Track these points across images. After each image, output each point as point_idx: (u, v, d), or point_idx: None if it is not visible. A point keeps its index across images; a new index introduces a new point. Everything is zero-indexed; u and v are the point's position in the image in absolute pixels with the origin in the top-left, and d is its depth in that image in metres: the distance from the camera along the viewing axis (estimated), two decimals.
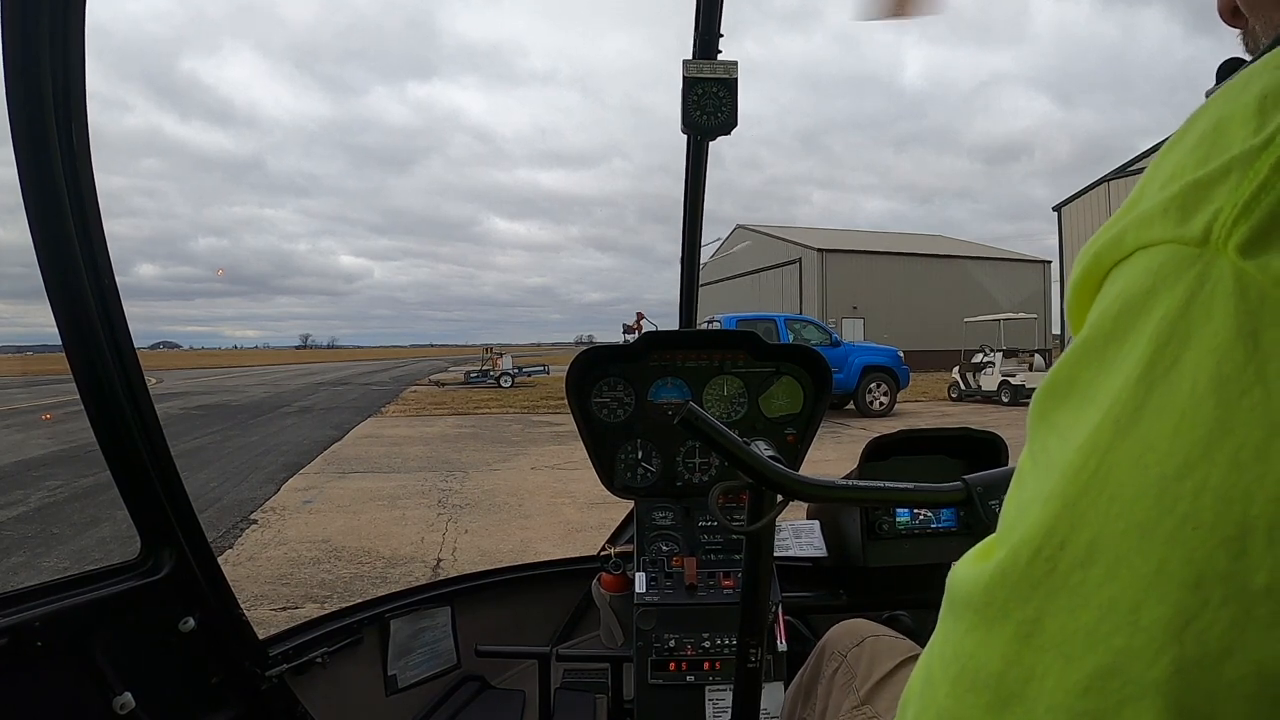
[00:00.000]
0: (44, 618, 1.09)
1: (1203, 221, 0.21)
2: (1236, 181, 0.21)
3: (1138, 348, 0.22)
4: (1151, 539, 0.20)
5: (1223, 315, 0.20)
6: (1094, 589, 0.21)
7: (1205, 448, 0.20)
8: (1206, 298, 0.20)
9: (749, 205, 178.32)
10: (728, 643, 1.39)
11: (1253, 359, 0.19)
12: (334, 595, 4.02)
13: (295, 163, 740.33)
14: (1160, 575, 0.20)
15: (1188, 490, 0.20)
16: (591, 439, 1.65)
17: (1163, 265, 0.22)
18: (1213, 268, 0.20)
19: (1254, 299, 0.20)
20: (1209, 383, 0.20)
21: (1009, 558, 0.24)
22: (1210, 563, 0.19)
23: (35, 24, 0.97)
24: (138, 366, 1.18)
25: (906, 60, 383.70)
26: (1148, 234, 0.23)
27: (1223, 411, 0.19)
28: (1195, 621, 0.19)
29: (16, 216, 1.05)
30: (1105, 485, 0.22)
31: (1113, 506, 0.21)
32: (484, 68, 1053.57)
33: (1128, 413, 0.22)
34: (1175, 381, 0.21)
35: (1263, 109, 0.21)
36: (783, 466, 0.85)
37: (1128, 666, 0.20)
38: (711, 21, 1.61)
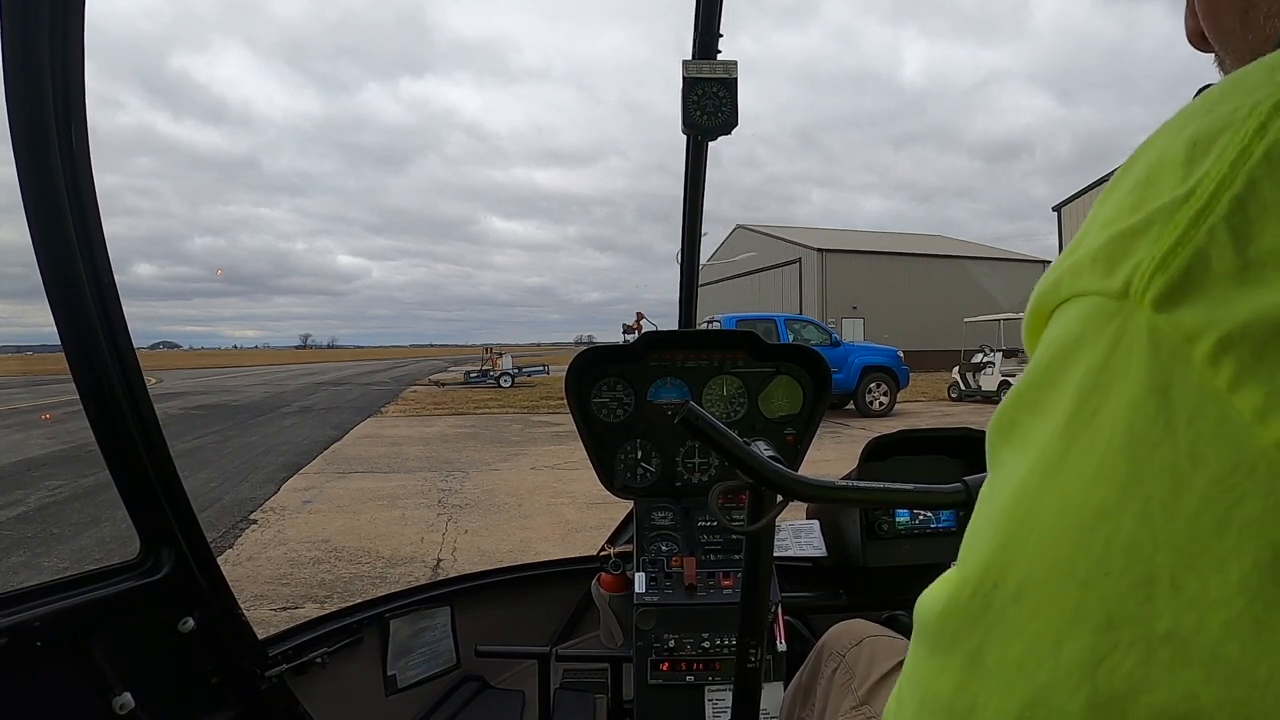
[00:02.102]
0: (44, 618, 1.09)
1: (1124, 274, 0.21)
2: (1157, 234, 0.21)
3: (1065, 398, 0.23)
4: (1070, 581, 0.21)
5: (1137, 370, 0.21)
6: (1023, 624, 0.23)
7: (1118, 499, 0.20)
8: (1124, 352, 0.21)
9: (748, 204, 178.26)
10: (727, 643, 1.39)
11: (1162, 414, 0.20)
12: (334, 595, 4.02)
13: (290, 161, 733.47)
14: (1077, 616, 0.21)
15: (1101, 538, 0.21)
16: (591, 439, 1.65)
17: (1089, 317, 0.23)
18: (1130, 321, 0.21)
19: (1165, 354, 0.20)
20: (1123, 436, 0.21)
21: (956, 590, 0.26)
22: (1120, 607, 0.20)
23: (35, 24, 0.97)
24: (137, 367, 1.18)
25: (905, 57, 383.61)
26: (1079, 283, 0.23)
27: (1134, 465, 0.20)
28: (1106, 661, 0.20)
29: (16, 216, 1.05)
30: (1033, 529, 0.23)
31: (1038, 549, 0.23)
32: (477, 64, 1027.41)
33: (1053, 461, 0.23)
34: (1094, 433, 0.22)
35: (1190, 157, 0.21)
36: (783, 467, 0.84)
37: (1051, 698, 0.21)
38: (711, 21, 1.61)
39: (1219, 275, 0.19)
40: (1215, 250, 0.20)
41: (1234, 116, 0.21)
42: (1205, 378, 0.19)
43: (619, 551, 1.64)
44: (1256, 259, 0.19)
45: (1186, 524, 0.19)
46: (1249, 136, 0.20)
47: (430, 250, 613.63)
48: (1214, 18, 0.35)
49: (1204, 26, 0.36)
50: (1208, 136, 0.21)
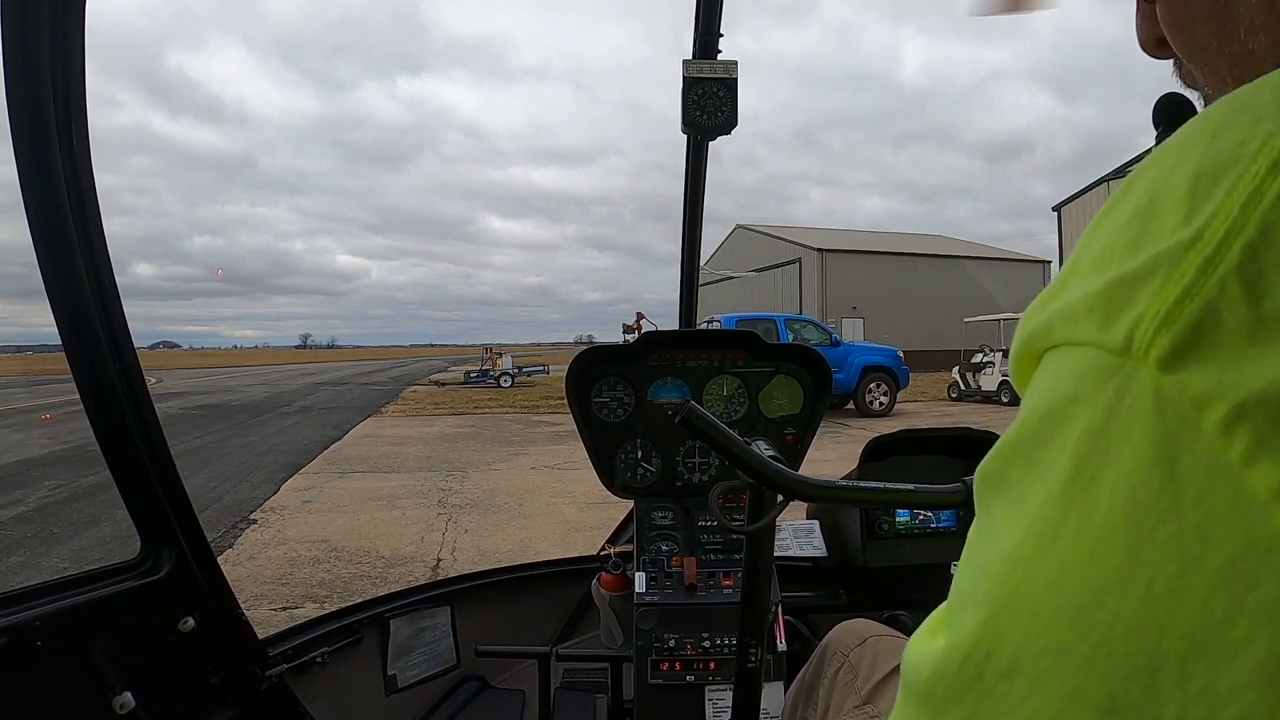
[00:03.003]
0: (44, 618, 1.09)
1: (1125, 327, 0.20)
2: (1161, 283, 0.19)
3: (1061, 458, 0.21)
4: (1068, 661, 0.20)
5: (1140, 436, 0.19)
6: (1017, 702, 0.21)
7: (1119, 576, 0.19)
8: (1126, 414, 0.19)
9: (747, 204, 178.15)
10: (727, 642, 1.39)
11: (1168, 487, 0.18)
12: (334, 595, 4.02)
13: (287, 160, 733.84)
14: (1077, 698, 0.20)
15: (1102, 618, 0.19)
16: (591, 439, 1.65)
17: (1085, 371, 0.21)
18: (1133, 381, 0.19)
19: (1172, 420, 0.18)
20: (1124, 508, 0.19)
21: (946, 655, 0.24)
22: (1123, 692, 0.19)
23: (35, 24, 0.97)
24: (137, 366, 1.18)
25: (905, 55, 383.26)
26: (1074, 331, 0.21)
27: (1136, 541, 0.19)
28: None
29: (16, 216, 1.05)
30: (1026, 601, 0.21)
31: (1033, 624, 0.21)
32: (474, 62, 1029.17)
33: (1049, 529, 0.21)
34: (1093, 502, 0.20)
35: (1194, 191, 0.19)
36: (783, 467, 0.85)
37: None
38: (711, 21, 1.61)
39: (1231, 333, 0.17)
40: (1226, 304, 0.18)
41: (1243, 150, 0.19)
42: (1216, 449, 0.17)
43: (619, 551, 1.64)
44: (1273, 315, 0.17)
45: (1195, 609, 0.18)
46: (1261, 175, 0.18)
47: (429, 250, 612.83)
48: (1184, 29, 0.32)
49: (1169, 37, 0.34)
50: (1213, 170, 0.19)
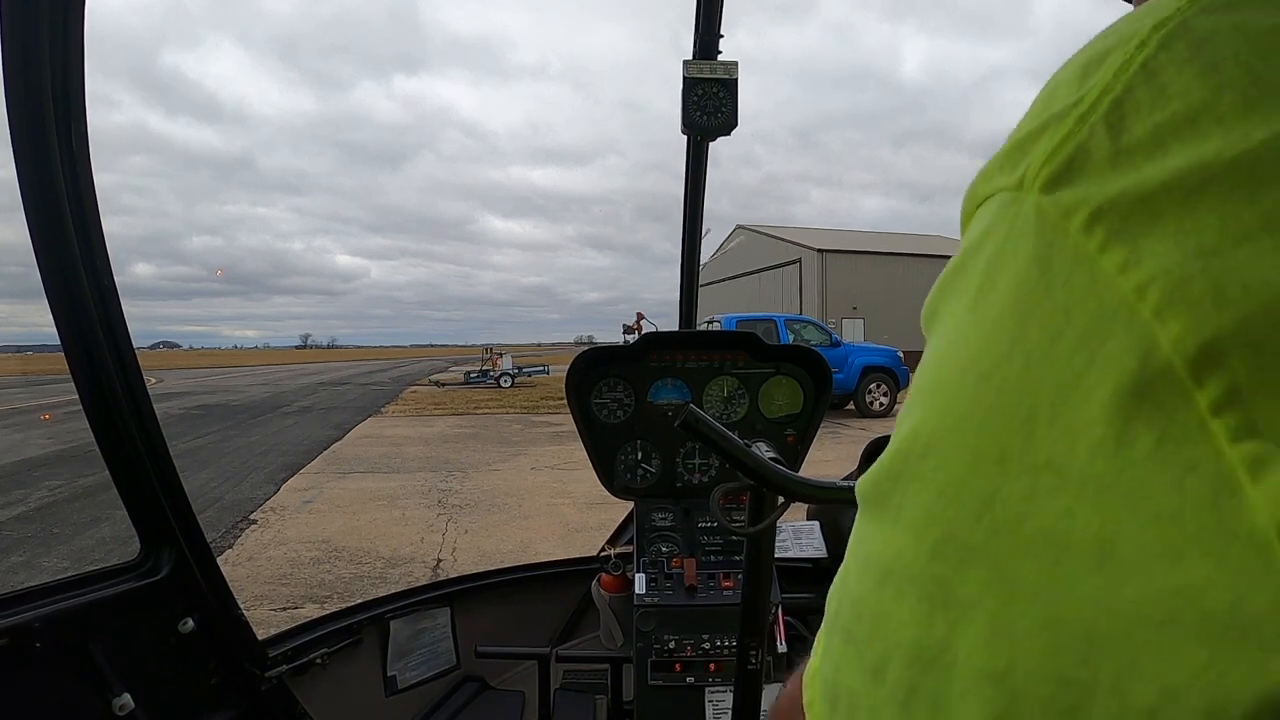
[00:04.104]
0: (43, 619, 1.09)
1: (1021, 170, 0.25)
2: (1049, 135, 0.24)
3: (974, 279, 0.26)
4: (969, 428, 0.25)
5: (1026, 244, 0.24)
6: (932, 473, 0.26)
7: (1007, 350, 0.24)
8: (1018, 232, 0.24)
9: (746, 204, 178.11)
10: (728, 644, 1.39)
11: (1044, 277, 0.23)
12: (334, 595, 4.03)
13: (285, 160, 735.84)
14: (976, 457, 0.24)
15: (994, 387, 0.24)
16: (591, 439, 1.65)
17: (996, 211, 0.26)
18: (1024, 205, 0.24)
19: (1048, 228, 0.23)
20: (1012, 300, 0.24)
21: (886, 459, 0.29)
22: (1010, 442, 0.23)
23: (35, 24, 0.97)
24: (137, 367, 1.18)
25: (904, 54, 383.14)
26: (989, 186, 0.27)
27: (1020, 321, 0.24)
28: (999, 493, 0.23)
29: (16, 216, 1.05)
30: (942, 391, 0.26)
31: (946, 406, 0.26)
32: (472, 61, 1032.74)
33: (961, 331, 0.26)
34: (992, 301, 0.25)
35: (1084, 74, 0.25)
36: (784, 468, 0.84)
37: (956, 534, 0.24)
38: (712, 22, 1.61)
39: (1097, 163, 0.23)
40: (1094, 143, 0.23)
41: (1120, 38, 0.24)
42: (1079, 244, 0.22)
43: (619, 552, 1.64)
44: (1127, 147, 0.22)
45: (1062, 365, 0.22)
46: (1130, 52, 0.24)
47: (429, 250, 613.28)
48: None
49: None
50: (1098, 56, 0.25)
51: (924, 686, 0.25)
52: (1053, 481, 0.22)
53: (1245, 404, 0.19)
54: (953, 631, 0.25)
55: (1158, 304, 0.20)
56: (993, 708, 0.23)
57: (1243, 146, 0.21)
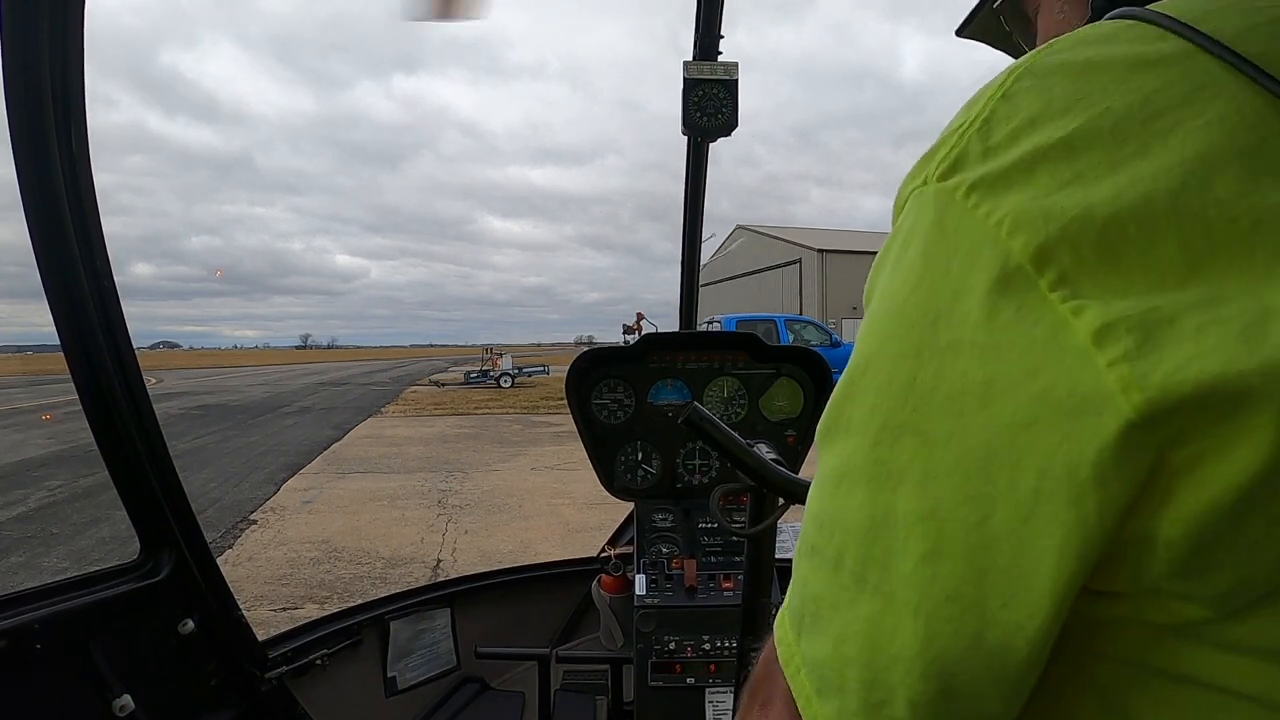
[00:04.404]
0: (43, 620, 1.08)
1: (925, 173, 0.35)
2: (943, 147, 0.34)
3: (894, 250, 0.36)
4: (893, 339, 0.33)
5: (928, 214, 0.33)
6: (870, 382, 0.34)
7: (918, 281, 0.33)
8: (923, 209, 0.34)
9: (746, 203, 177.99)
10: (728, 645, 1.38)
11: (940, 230, 0.32)
12: (334, 595, 4.02)
13: (283, 159, 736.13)
14: (900, 357, 0.33)
15: (911, 306, 0.33)
16: (591, 440, 1.65)
17: (908, 204, 0.36)
18: (927, 193, 0.34)
19: (942, 200, 0.33)
20: (920, 251, 0.33)
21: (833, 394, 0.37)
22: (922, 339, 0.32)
23: (35, 24, 0.97)
24: (136, 367, 1.18)
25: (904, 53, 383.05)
26: (905, 191, 0.36)
27: (924, 261, 0.33)
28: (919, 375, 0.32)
29: (16, 216, 1.05)
30: (873, 325, 0.35)
31: (877, 333, 0.34)
32: (470, 60, 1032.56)
33: (887, 286, 0.35)
34: (906, 258, 0.34)
35: (968, 109, 0.35)
36: (785, 469, 0.84)
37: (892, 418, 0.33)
38: (712, 23, 1.61)
39: (973, 158, 0.33)
40: (971, 146, 0.33)
41: (992, 84, 0.35)
42: (963, 206, 0.32)
43: (619, 553, 1.64)
44: (992, 146, 0.32)
45: (954, 278, 0.31)
46: (995, 89, 0.34)
47: (428, 250, 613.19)
48: None
49: None
50: (977, 96, 0.35)
51: (874, 553, 0.33)
52: (953, 355, 0.31)
53: (1071, 281, 0.28)
54: (894, 496, 0.32)
55: (1009, 228, 0.30)
56: (928, 541, 0.31)
57: (1062, 133, 0.31)
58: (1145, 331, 0.27)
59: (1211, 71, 0.31)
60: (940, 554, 0.30)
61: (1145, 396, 0.26)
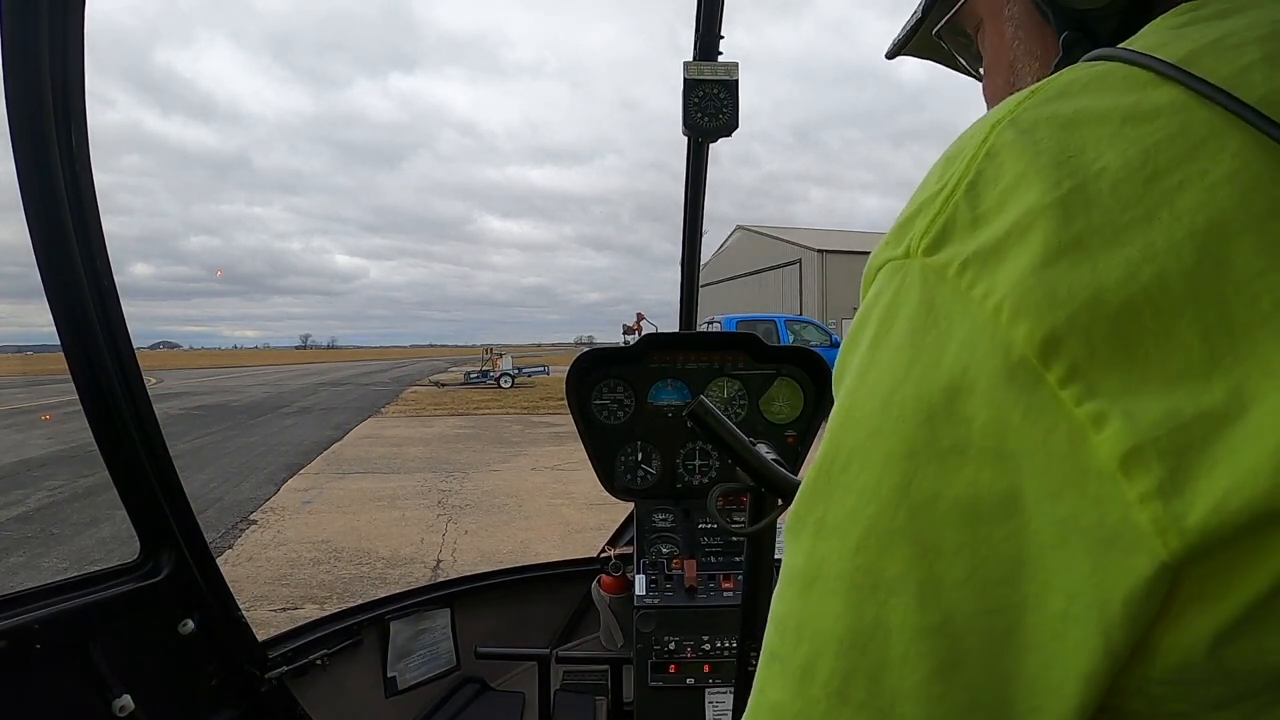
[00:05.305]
0: (43, 620, 1.08)
1: (906, 243, 0.32)
2: (925, 214, 0.32)
3: (870, 329, 0.33)
4: (880, 436, 0.30)
5: (914, 293, 0.31)
6: (852, 481, 0.31)
7: (905, 372, 0.30)
8: (908, 286, 0.31)
9: (745, 203, 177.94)
10: (728, 645, 1.38)
11: (930, 313, 0.30)
12: (334, 596, 4.02)
13: (281, 159, 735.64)
14: (889, 457, 0.29)
15: (897, 400, 0.30)
16: (591, 440, 1.65)
17: (887, 274, 0.33)
18: (910, 268, 0.31)
19: (931, 279, 0.30)
20: (906, 333, 0.30)
21: (803, 488, 0.34)
22: (915, 439, 0.29)
23: (35, 24, 0.97)
24: (136, 368, 1.18)
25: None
26: (880, 259, 0.34)
27: (914, 349, 0.30)
28: (914, 480, 0.29)
29: (16, 216, 1.05)
30: (854, 415, 0.32)
31: (858, 425, 0.31)
32: (468, 59, 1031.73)
33: (865, 368, 0.32)
34: (890, 340, 0.31)
35: (945, 167, 0.33)
36: (785, 469, 0.84)
37: (879, 524, 0.29)
38: (712, 23, 1.61)
39: (962, 228, 0.30)
40: (959, 215, 0.30)
41: (971, 137, 0.33)
42: (956, 285, 0.29)
43: (619, 553, 1.64)
44: (983, 213, 0.30)
45: (948, 371, 0.28)
46: (978, 145, 0.32)
47: (427, 250, 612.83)
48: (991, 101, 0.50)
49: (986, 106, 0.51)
50: (956, 153, 0.33)
51: (860, 667, 0.30)
52: (957, 460, 0.28)
53: (1083, 376, 0.26)
54: (884, 608, 0.29)
55: (1010, 314, 0.27)
56: (937, 655, 0.28)
57: (1055, 193, 0.28)
58: (1177, 458, 0.24)
59: (1212, 123, 0.28)
60: (957, 666, 0.28)
61: (1183, 541, 0.24)
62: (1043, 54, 0.44)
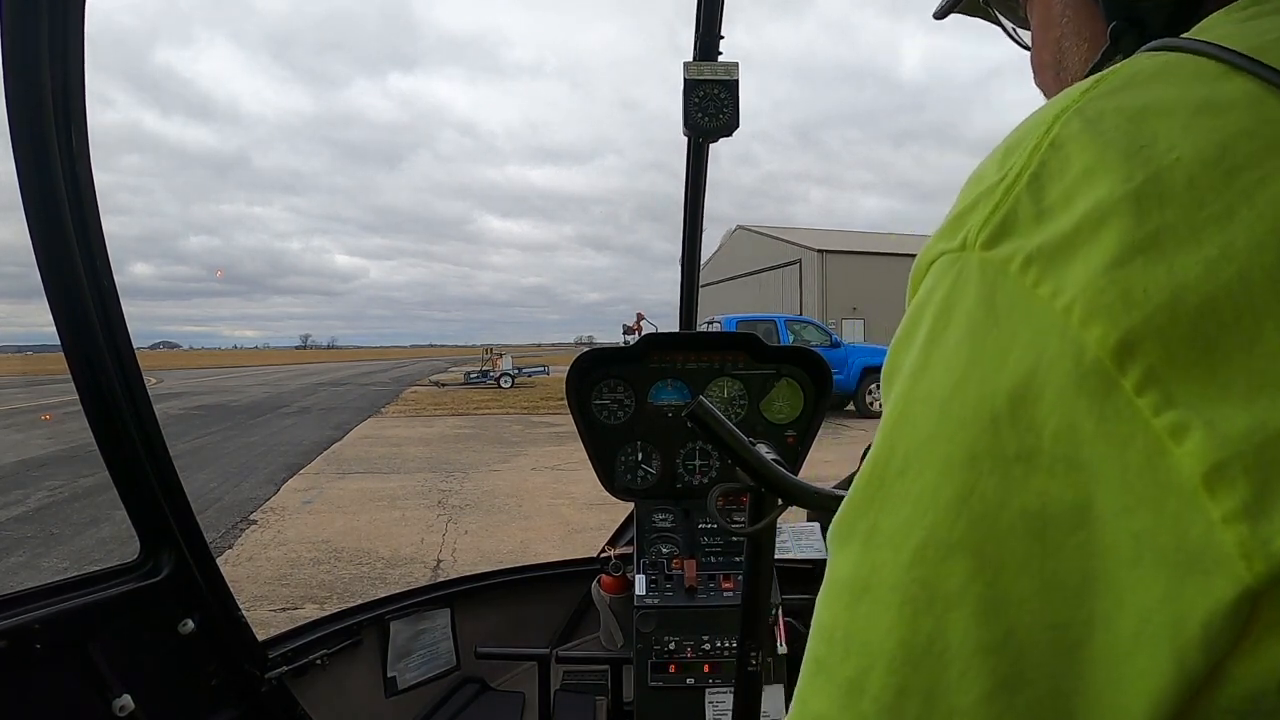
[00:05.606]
0: (43, 620, 1.08)
1: (962, 235, 0.30)
2: (983, 206, 0.30)
3: (925, 325, 0.31)
4: (938, 442, 0.29)
5: (972, 289, 0.29)
6: (907, 489, 0.29)
7: (965, 373, 0.28)
8: (964, 281, 0.30)
9: (745, 203, 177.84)
10: (728, 645, 1.38)
11: (990, 311, 0.28)
12: (334, 596, 4.02)
13: (281, 159, 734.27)
14: (948, 464, 0.28)
15: (957, 404, 0.28)
16: (591, 440, 1.65)
17: (941, 269, 0.31)
18: (967, 262, 0.30)
19: (990, 275, 0.29)
20: (965, 334, 0.29)
21: (852, 493, 0.32)
22: (977, 446, 0.27)
23: (35, 24, 0.97)
24: (136, 368, 1.18)
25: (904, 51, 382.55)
26: (933, 251, 0.32)
27: (973, 348, 0.28)
28: (976, 489, 0.27)
29: (16, 216, 1.05)
30: (909, 419, 0.30)
31: (914, 430, 0.30)
32: (468, 59, 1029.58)
33: (919, 368, 0.31)
34: (946, 339, 0.30)
35: (1005, 157, 0.31)
36: (785, 471, 0.84)
37: (937, 535, 0.28)
38: (712, 24, 1.61)
39: (1024, 222, 0.29)
40: (1021, 207, 0.29)
41: (1031, 126, 0.31)
42: (1018, 282, 0.28)
43: (619, 553, 1.64)
44: (1047, 207, 0.28)
45: (1013, 376, 0.27)
46: (1040, 136, 0.30)
47: (427, 250, 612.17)
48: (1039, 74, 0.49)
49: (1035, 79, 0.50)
50: (1015, 143, 0.31)
51: (914, 683, 0.28)
52: (1023, 469, 0.26)
53: (1161, 382, 0.24)
54: (941, 623, 0.27)
55: (1082, 315, 0.26)
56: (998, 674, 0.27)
57: (1128, 186, 0.27)
58: (1264, 473, 0.23)
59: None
60: (1017, 684, 0.27)
61: (1269, 566, 0.23)
62: (1091, 38, 0.43)
